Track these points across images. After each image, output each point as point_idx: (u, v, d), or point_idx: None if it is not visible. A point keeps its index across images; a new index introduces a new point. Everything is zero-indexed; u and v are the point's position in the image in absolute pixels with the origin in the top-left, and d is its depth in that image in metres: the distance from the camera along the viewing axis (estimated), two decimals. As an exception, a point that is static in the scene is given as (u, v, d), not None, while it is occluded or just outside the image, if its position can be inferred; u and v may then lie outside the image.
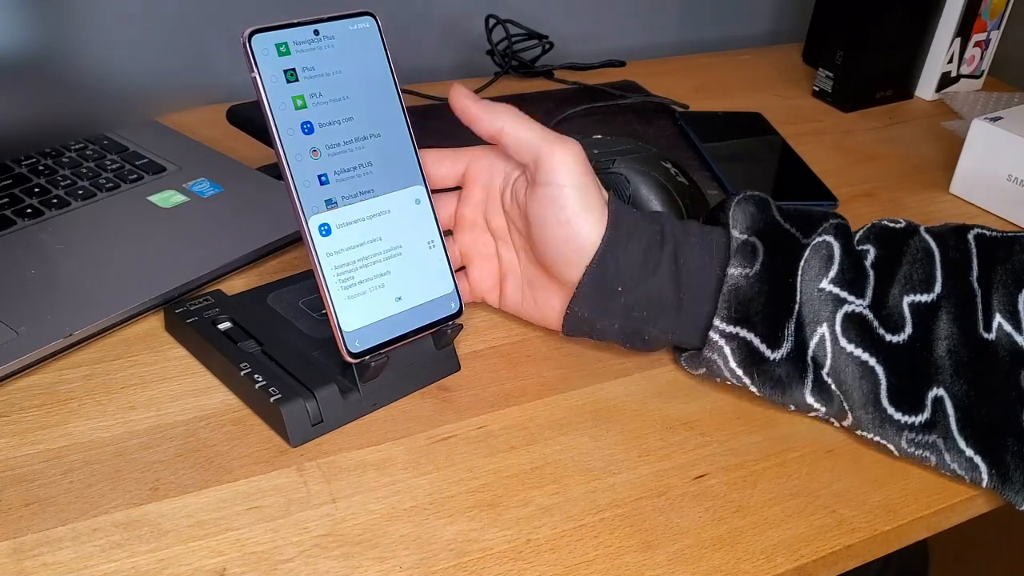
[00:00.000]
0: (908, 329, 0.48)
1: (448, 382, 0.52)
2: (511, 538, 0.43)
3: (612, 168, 0.68)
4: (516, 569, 0.42)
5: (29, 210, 0.59)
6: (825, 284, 0.48)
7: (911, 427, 0.47)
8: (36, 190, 0.61)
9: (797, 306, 0.49)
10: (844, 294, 0.48)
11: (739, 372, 0.49)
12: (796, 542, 0.45)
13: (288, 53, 0.45)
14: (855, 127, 0.90)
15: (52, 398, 0.48)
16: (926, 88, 0.96)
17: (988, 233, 0.51)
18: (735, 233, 0.50)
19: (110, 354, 0.52)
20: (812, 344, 0.48)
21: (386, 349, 0.47)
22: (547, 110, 0.84)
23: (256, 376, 0.48)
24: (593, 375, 0.54)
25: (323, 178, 0.46)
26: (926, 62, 0.95)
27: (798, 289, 0.49)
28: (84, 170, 0.64)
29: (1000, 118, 0.75)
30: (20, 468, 0.44)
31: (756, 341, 0.48)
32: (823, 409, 0.49)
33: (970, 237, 0.50)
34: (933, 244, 0.50)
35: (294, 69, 0.45)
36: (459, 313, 0.50)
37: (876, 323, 0.48)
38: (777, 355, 0.48)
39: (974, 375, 0.47)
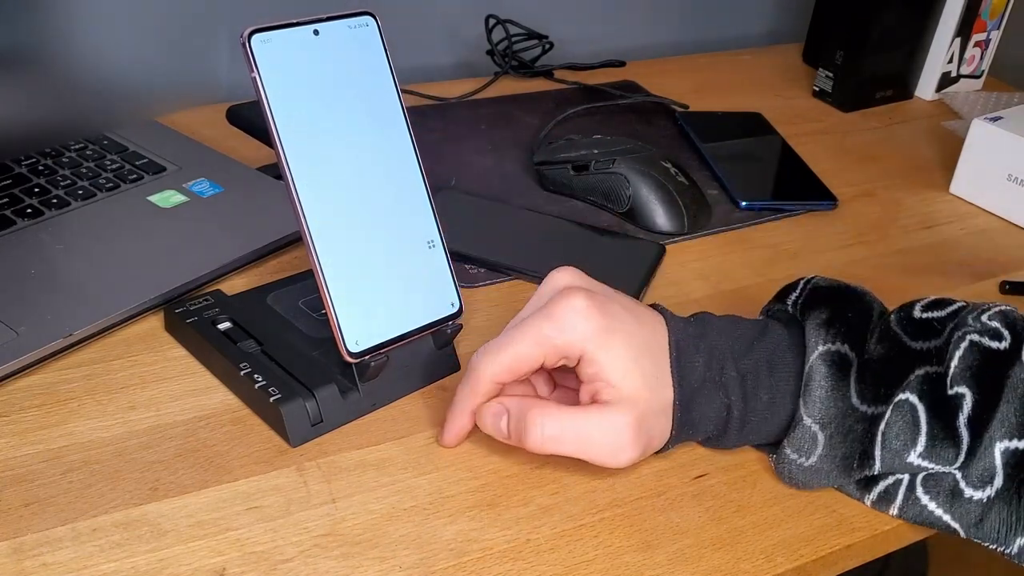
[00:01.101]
0: (997, 481, 0.43)
1: (448, 382, 0.52)
2: (511, 538, 0.43)
3: (612, 168, 0.68)
4: (516, 569, 0.42)
5: (29, 210, 0.59)
6: (913, 458, 0.44)
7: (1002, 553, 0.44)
8: (36, 190, 0.61)
9: (877, 465, 0.44)
10: (935, 466, 0.44)
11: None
12: (796, 542, 0.45)
13: (288, 53, 0.44)
14: (855, 127, 0.90)
15: (52, 398, 0.48)
16: (926, 88, 0.96)
17: None
18: (802, 410, 0.45)
19: (110, 354, 0.52)
20: (884, 484, 0.46)
21: (386, 349, 0.47)
22: (547, 110, 0.84)
23: (256, 376, 0.48)
24: (593, 375, 0.54)
25: (323, 178, 0.46)
26: (926, 62, 0.95)
27: (876, 457, 0.44)
28: (84, 170, 0.64)
29: (1000, 118, 0.75)
30: (20, 468, 0.44)
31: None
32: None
33: None
34: None
35: (294, 69, 0.45)
36: (459, 313, 0.50)
37: (963, 481, 0.44)
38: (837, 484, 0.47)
39: None
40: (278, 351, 0.50)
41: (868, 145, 0.86)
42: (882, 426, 0.44)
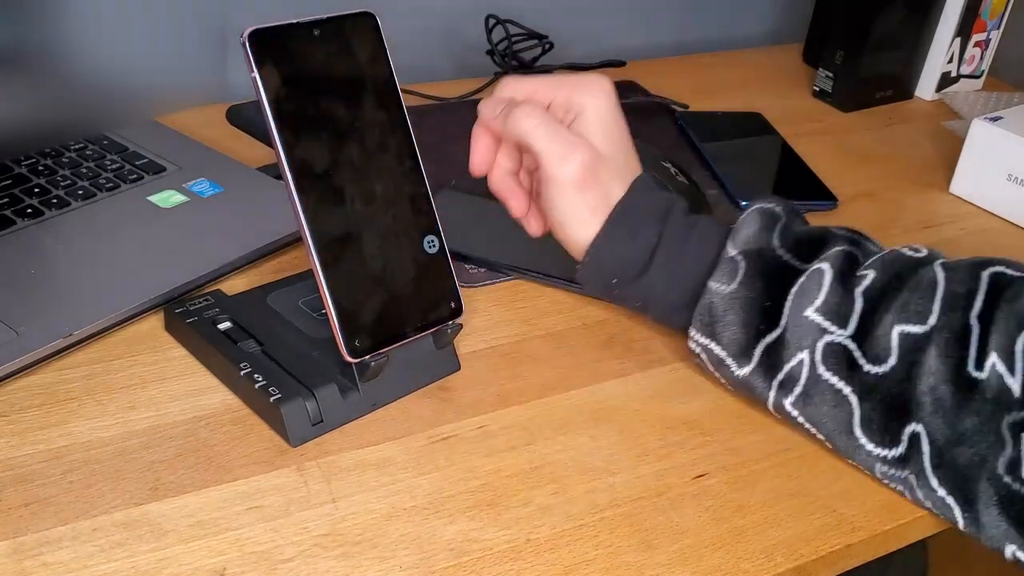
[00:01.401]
0: (892, 360, 0.47)
1: (448, 382, 0.52)
2: (511, 538, 0.43)
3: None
4: (516, 569, 0.42)
5: (29, 210, 0.59)
6: (809, 312, 0.48)
7: (884, 459, 0.47)
8: (36, 190, 0.61)
9: (781, 330, 0.48)
10: (826, 323, 0.48)
11: (716, 375, 0.52)
12: (796, 541, 0.45)
13: (288, 53, 0.44)
14: (855, 127, 0.90)
15: (52, 398, 0.48)
16: (926, 88, 0.96)
17: (1009, 272, 0.48)
18: (728, 247, 0.51)
19: (110, 354, 0.52)
20: (788, 366, 0.48)
21: (386, 349, 0.47)
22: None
23: (256, 376, 0.48)
24: (593, 375, 0.54)
25: (323, 178, 0.46)
26: (926, 62, 0.95)
27: (784, 313, 0.49)
28: (84, 170, 0.64)
29: (1000, 118, 0.75)
30: (20, 468, 0.44)
31: (723, 355, 0.50)
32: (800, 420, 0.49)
33: (985, 274, 0.48)
34: (940, 275, 0.48)
35: (294, 69, 0.45)
36: (459, 313, 0.50)
37: (858, 353, 0.47)
38: (742, 372, 0.50)
39: (954, 414, 0.45)
40: (278, 351, 0.50)
41: (868, 145, 0.86)
42: (795, 286, 0.49)
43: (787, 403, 0.49)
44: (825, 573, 0.45)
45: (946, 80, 0.96)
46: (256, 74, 0.43)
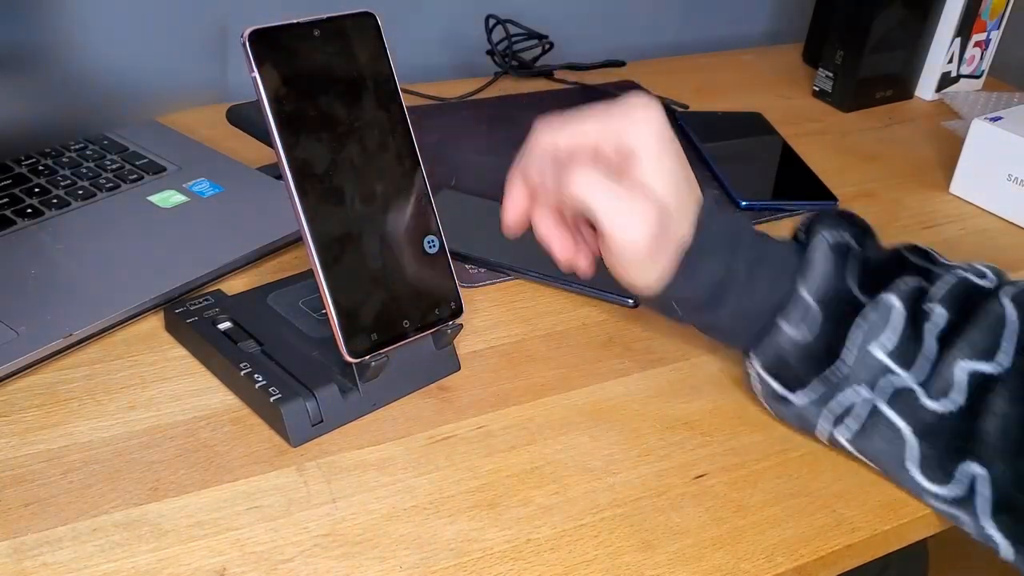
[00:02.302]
0: (957, 398, 0.45)
1: (448, 382, 0.52)
2: (511, 538, 0.43)
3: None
4: (516, 569, 0.42)
5: (29, 210, 0.59)
6: (876, 350, 0.46)
7: (936, 496, 0.46)
8: (36, 190, 0.61)
9: (842, 363, 0.47)
10: (893, 364, 0.46)
11: (765, 404, 0.51)
12: (796, 542, 0.45)
13: (288, 53, 0.44)
14: (855, 127, 0.90)
15: (52, 398, 0.48)
16: (926, 88, 0.96)
17: None
18: (800, 287, 0.47)
19: (110, 354, 0.52)
20: (845, 400, 0.47)
21: (386, 349, 0.47)
22: (547, 110, 0.84)
23: (256, 376, 0.48)
24: (593, 375, 0.54)
25: (323, 178, 0.46)
26: (926, 62, 0.95)
27: (847, 346, 0.46)
28: (84, 170, 0.64)
29: (1000, 118, 0.75)
30: (20, 468, 0.44)
31: (783, 390, 0.49)
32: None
33: None
34: (1011, 312, 0.47)
35: (294, 69, 0.45)
36: (459, 313, 0.50)
37: (920, 390, 0.46)
38: (800, 403, 0.48)
39: (1021, 458, 0.44)
40: (278, 351, 0.50)
41: (868, 145, 0.86)
42: (860, 317, 0.47)
43: (842, 437, 0.48)
44: (825, 573, 0.45)
45: (946, 80, 0.96)
46: (256, 74, 0.43)
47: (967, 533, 0.46)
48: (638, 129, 0.46)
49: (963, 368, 0.45)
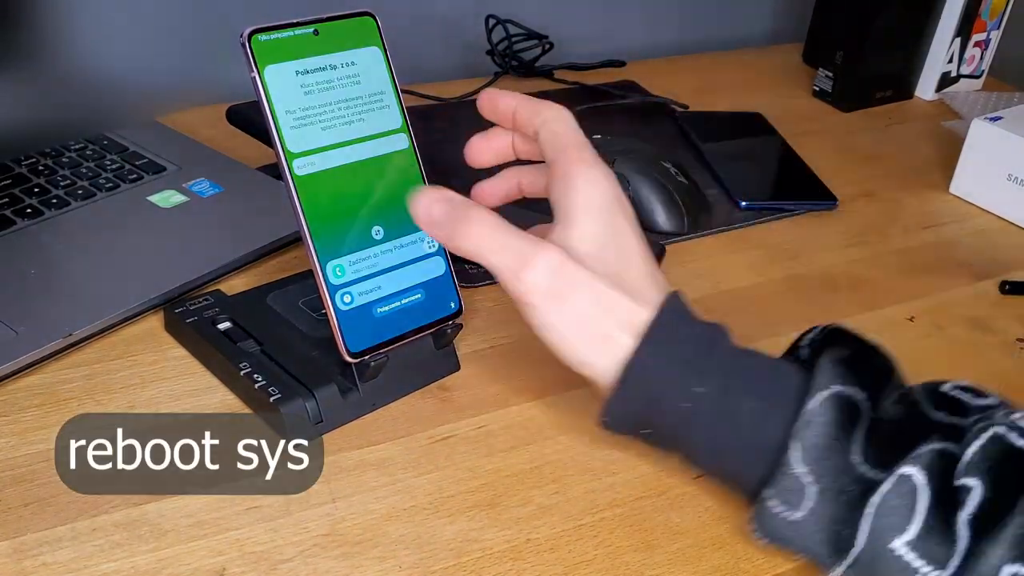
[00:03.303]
0: None
1: (448, 382, 0.52)
2: (511, 538, 0.43)
3: (612, 168, 0.68)
4: (516, 569, 0.42)
5: (29, 210, 0.59)
6: (898, 545, 0.37)
7: None
8: (36, 190, 0.61)
9: (858, 554, 0.38)
10: (919, 563, 0.37)
11: None
12: (796, 542, 0.45)
13: (288, 53, 0.44)
14: (855, 127, 0.90)
15: (52, 398, 0.48)
16: (926, 88, 0.96)
17: None
18: (791, 452, 0.39)
19: (110, 354, 0.52)
20: None
21: (386, 349, 0.47)
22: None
23: (256, 376, 0.48)
24: (593, 375, 0.54)
25: (323, 178, 0.46)
26: (926, 62, 0.95)
27: (862, 535, 0.38)
28: (84, 170, 0.64)
29: (1000, 118, 0.75)
30: (20, 468, 0.44)
31: (801, 556, 0.41)
32: None
33: None
34: None
35: (294, 69, 0.45)
36: (459, 313, 0.50)
37: None
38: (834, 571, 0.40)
39: None
40: (278, 351, 0.50)
41: (868, 145, 0.86)
42: (876, 497, 0.38)
43: None
44: (825, 573, 0.45)
45: (946, 80, 0.96)
46: (256, 74, 0.43)
47: None
48: (585, 178, 0.43)
49: (1007, 572, 0.36)
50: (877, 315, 0.62)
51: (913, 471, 0.38)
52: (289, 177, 0.44)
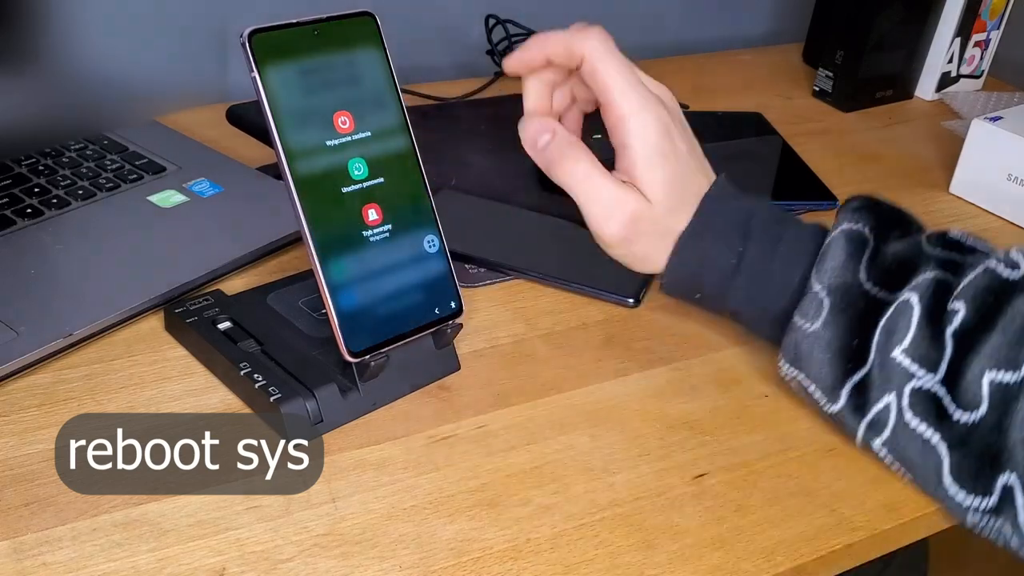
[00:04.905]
0: (983, 409, 0.43)
1: (448, 382, 0.52)
2: (511, 538, 0.43)
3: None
4: (516, 568, 0.42)
5: (29, 210, 0.59)
6: (897, 353, 0.45)
7: (975, 510, 0.44)
8: (36, 190, 0.61)
9: (868, 368, 0.46)
10: (914, 367, 0.45)
11: (808, 404, 0.50)
12: (796, 541, 0.45)
13: (288, 53, 0.44)
14: (855, 127, 0.90)
15: (52, 398, 0.48)
16: (926, 88, 0.96)
17: None
18: (813, 280, 0.48)
19: (110, 354, 0.52)
20: (875, 408, 0.46)
21: (386, 348, 0.47)
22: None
23: (256, 376, 0.48)
24: (593, 375, 0.54)
25: (323, 178, 0.46)
26: (926, 62, 0.95)
27: (872, 351, 0.46)
28: (84, 170, 0.64)
29: (1000, 118, 0.75)
30: (20, 468, 0.44)
31: (813, 389, 0.48)
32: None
33: None
34: None
35: (294, 69, 0.45)
36: (459, 313, 0.50)
37: (948, 399, 0.44)
38: (834, 409, 0.48)
39: None
40: (278, 351, 0.50)
41: (868, 145, 0.86)
42: (883, 320, 0.46)
43: (875, 444, 0.47)
44: (825, 573, 0.45)
45: (946, 80, 0.96)
46: (256, 74, 0.44)
47: (1012, 549, 0.44)
48: (637, 124, 0.49)
49: (987, 379, 0.44)
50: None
51: (911, 296, 0.46)
52: (289, 177, 0.44)
